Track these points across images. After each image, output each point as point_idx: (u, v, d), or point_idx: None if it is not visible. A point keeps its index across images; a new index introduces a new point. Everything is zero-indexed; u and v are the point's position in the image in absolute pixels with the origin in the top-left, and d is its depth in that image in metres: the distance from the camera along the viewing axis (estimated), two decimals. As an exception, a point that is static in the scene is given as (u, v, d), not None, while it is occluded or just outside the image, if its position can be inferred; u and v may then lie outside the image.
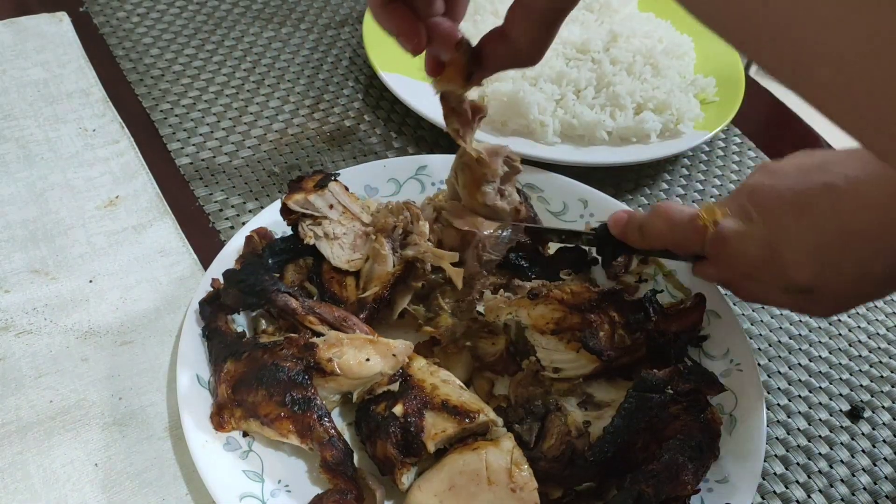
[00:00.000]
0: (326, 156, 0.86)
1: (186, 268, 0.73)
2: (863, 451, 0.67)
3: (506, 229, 0.66)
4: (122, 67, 0.94)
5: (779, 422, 0.68)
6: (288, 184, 0.69)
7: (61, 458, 0.59)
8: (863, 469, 0.66)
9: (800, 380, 0.71)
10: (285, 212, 0.67)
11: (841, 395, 0.71)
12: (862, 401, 0.70)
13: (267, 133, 0.88)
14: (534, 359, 0.61)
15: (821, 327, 0.76)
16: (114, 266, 0.72)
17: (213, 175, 0.83)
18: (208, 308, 0.63)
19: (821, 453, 0.66)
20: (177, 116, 0.89)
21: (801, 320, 0.76)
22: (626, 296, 0.65)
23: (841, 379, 0.72)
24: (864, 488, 0.65)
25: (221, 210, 0.79)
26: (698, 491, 0.55)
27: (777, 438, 0.67)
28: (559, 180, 0.78)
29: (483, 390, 0.64)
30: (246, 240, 0.68)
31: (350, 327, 0.60)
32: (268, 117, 0.90)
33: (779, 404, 0.69)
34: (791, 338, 0.75)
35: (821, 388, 0.71)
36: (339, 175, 0.70)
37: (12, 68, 0.91)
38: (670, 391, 0.57)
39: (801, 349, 0.74)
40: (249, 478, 0.56)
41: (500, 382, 0.64)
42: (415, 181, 0.78)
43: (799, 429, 0.68)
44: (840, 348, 0.74)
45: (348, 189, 0.69)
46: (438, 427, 0.55)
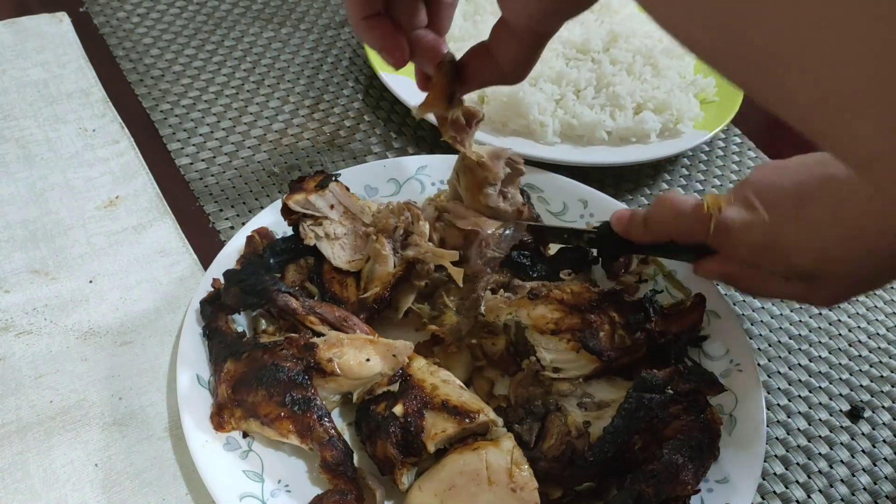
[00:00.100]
0: (326, 156, 0.86)
1: (186, 268, 0.73)
2: (863, 451, 0.67)
3: (508, 228, 0.67)
4: (122, 68, 0.94)
5: (779, 422, 0.68)
6: (289, 184, 0.69)
7: (61, 458, 0.59)
8: (863, 469, 0.66)
9: (800, 380, 0.71)
10: (286, 212, 0.67)
11: (841, 395, 0.71)
12: (862, 401, 0.70)
13: (267, 133, 0.88)
14: (534, 359, 0.61)
15: (821, 327, 0.76)
16: (114, 266, 0.72)
17: (213, 175, 0.83)
18: (209, 308, 0.63)
19: (821, 453, 0.66)
20: (177, 117, 0.89)
21: (801, 320, 0.76)
22: (626, 296, 0.65)
23: (841, 379, 0.72)
24: (864, 488, 0.65)
25: (221, 210, 0.79)
26: (698, 491, 0.55)
27: (777, 438, 0.67)
28: (559, 180, 0.78)
29: (483, 390, 0.64)
30: (247, 240, 0.68)
31: (350, 327, 0.60)
32: (268, 117, 0.90)
33: (779, 404, 0.69)
34: (791, 338, 0.75)
35: (821, 388, 0.71)
36: (339, 175, 0.70)
37: (12, 68, 0.91)
38: (670, 391, 0.57)
39: (801, 349, 0.74)
40: (249, 478, 0.56)
41: (500, 382, 0.64)
42: (415, 181, 0.78)
43: (799, 429, 0.68)
44: (840, 348, 0.74)
45: (349, 189, 0.69)
46: (438, 427, 0.55)
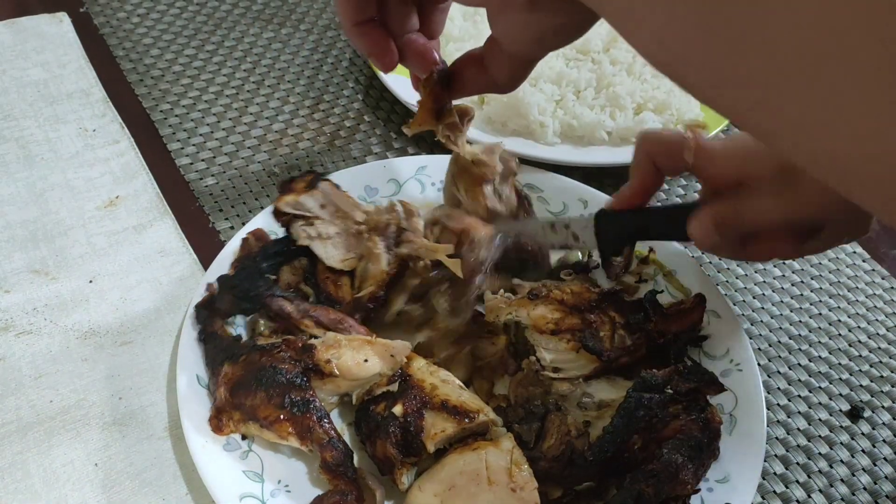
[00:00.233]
0: (326, 156, 0.86)
1: (186, 268, 0.73)
2: (863, 450, 0.67)
3: (501, 233, 0.66)
4: (122, 68, 0.94)
5: (779, 422, 0.68)
6: (278, 186, 0.69)
7: (61, 457, 0.59)
8: (863, 469, 0.66)
9: (800, 380, 0.71)
10: (277, 214, 0.67)
11: (841, 395, 0.71)
12: (862, 401, 0.70)
13: (267, 133, 0.88)
14: (534, 359, 0.61)
15: (821, 327, 0.76)
16: (114, 266, 0.72)
17: (213, 175, 0.83)
18: (204, 312, 0.63)
19: (821, 453, 0.66)
20: (177, 117, 0.89)
21: (801, 320, 0.76)
22: (626, 296, 0.65)
23: (841, 379, 0.72)
24: (864, 488, 0.64)
25: (221, 210, 0.79)
26: (698, 490, 0.55)
27: (777, 438, 0.67)
28: (559, 180, 0.78)
29: (483, 390, 0.64)
30: (241, 242, 0.68)
31: (346, 329, 0.60)
32: (268, 118, 0.90)
33: (779, 404, 0.69)
34: (791, 338, 0.75)
35: (821, 388, 0.71)
36: (329, 174, 0.70)
37: (12, 69, 0.91)
38: (670, 391, 0.57)
39: (801, 349, 0.74)
40: (249, 478, 0.56)
41: (500, 382, 0.64)
42: (415, 181, 0.78)
43: (799, 429, 0.68)
44: (840, 348, 0.74)
45: (339, 188, 0.69)
46: (438, 427, 0.55)
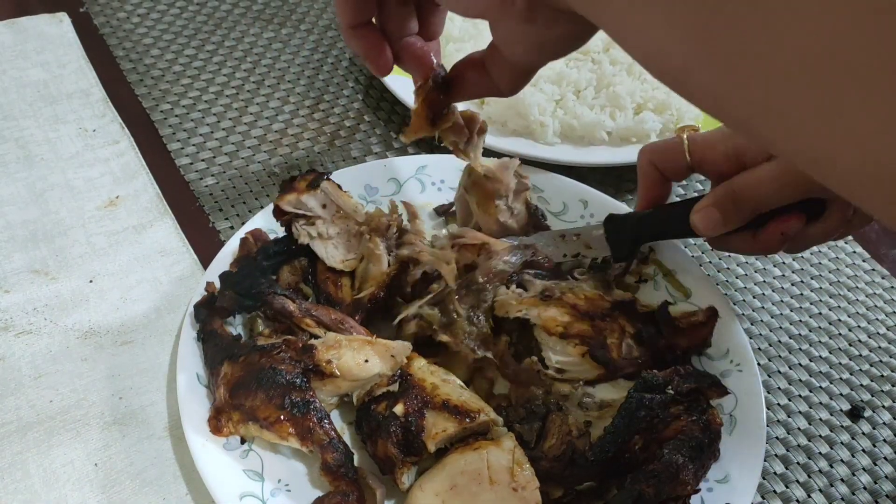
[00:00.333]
0: (326, 156, 0.86)
1: (186, 268, 0.73)
2: (863, 450, 0.67)
3: (518, 248, 0.66)
4: (122, 68, 0.94)
5: (779, 422, 0.68)
6: (280, 184, 0.68)
7: (61, 457, 0.59)
8: (863, 468, 0.66)
9: (800, 380, 0.71)
10: (278, 212, 0.66)
11: (841, 394, 0.71)
12: (862, 401, 0.70)
13: (267, 133, 0.88)
14: (535, 358, 0.61)
15: (821, 327, 0.76)
16: (114, 266, 0.72)
17: (213, 175, 0.83)
18: (203, 311, 0.63)
19: (821, 453, 0.66)
20: (177, 117, 0.89)
21: (801, 320, 0.76)
22: (639, 306, 0.64)
23: (841, 379, 0.72)
24: (865, 488, 0.64)
25: (221, 210, 0.79)
26: (698, 490, 0.55)
27: (777, 438, 0.67)
28: (559, 180, 0.78)
29: (483, 390, 0.64)
30: (241, 242, 0.68)
31: (347, 329, 0.60)
32: (268, 118, 0.90)
33: (779, 404, 0.69)
34: (791, 338, 0.75)
35: (821, 387, 0.71)
36: (331, 174, 0.69)
37: (12, 69, 0.91)
38: (671, 392, 0.57)
39: (801, 349, 0.74)
40: (249, 477, 0.56)
41: (500, 382, 0.64)
42: (415, 181, 0.78)
43: (799, 428, 0.68)
44: (840, 348, 0.74)
45: (342, 188, 0.69)
46: (439, 427, 0.55)
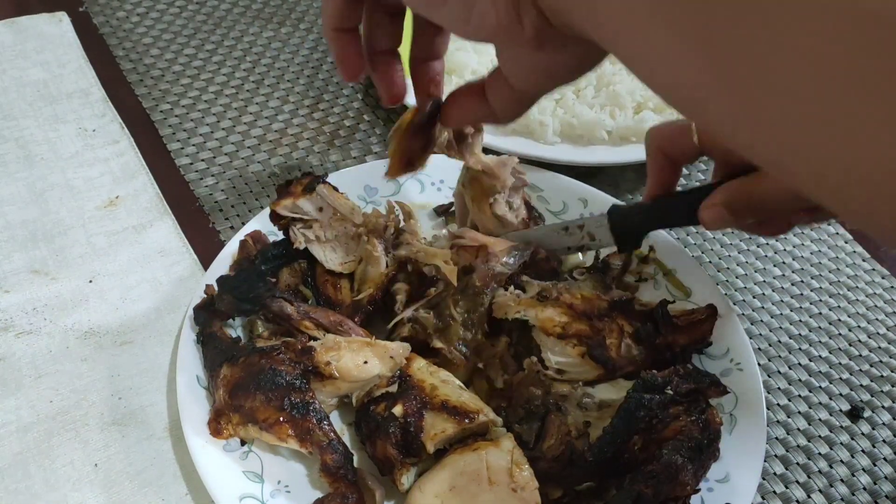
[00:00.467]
0: (326, 156, 0.86)
1: (186, 268, 0.73)
2: (863, 451, 0.67)
3: (518, 248, 0.65)
4: (121, 67, 0.94)
5: (779, 422, 0.68)
6: (276, 188, 0.68)
7: (61, 458, 0.59)
8: (863, 469, 0.66)
9: (800, 380, 0.71)
10: (274, 217, 0.66)
11: (841, 395, 0.71)
12: (862, 401, 0.70)
13: (267, 133, 0.88)
14: (534, 359, 0.61)
15: (821, 327, 0.76)
16: (114, 266, 0.72)
17: (213, 175, 0.83)
18: (202, 314, 0.63)
19: (821, 453, 0.66)
20: (177, 116, 0.89)
21: (801, 320, 0.76)
22: (638, 305, 0.64)
23: (841, 379, 0.72)
24: (864, 488, 0.64)
25: (221, 210, 0.79)
26: (698, 491, 0.55)
27: (777, 438, 0.67)
28: (559, 180, 0.78)
29: (483, 390, 0.64)
30: (240, 244, 0.68)
31: (346, 331, 0.60)
32: (267, 117, 0.90)
33: (779, 404, 0.69)
34: (791, 338, 0.75)
35: (821, 388, 0.71)
36: (327, 177, 0.69)
37: (12, 68, 0.91)
38: (670, 392, 0.57)
39: (801, 349, 0.74)
40: (249, 478, 0.56)
41: (499, 382, 0.64)
42: (414, 181, 0.78)
43: (799, 429, 0.68)
44: (840, 348, 0.74)
45: (338, 190, 0.69)
46: (438, 427, 0.55)
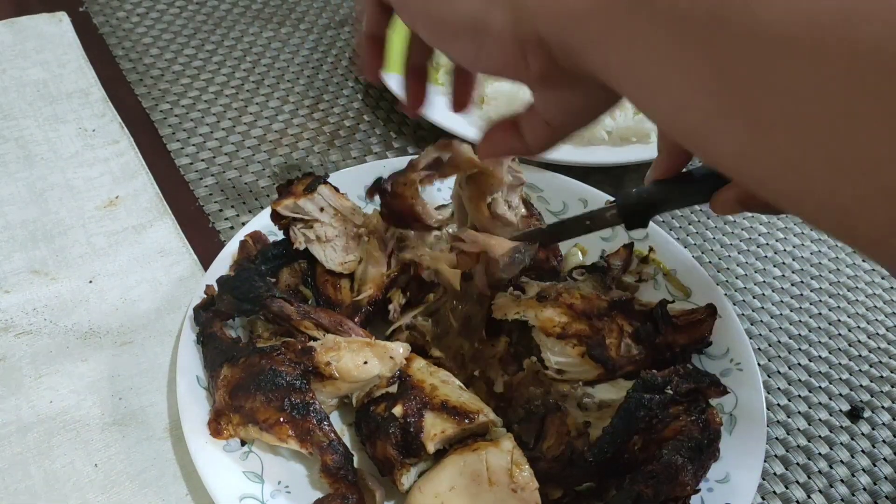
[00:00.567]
0: (326, 156, 0.86)
1: (186, 268, 0.73)
2: (863, 451, 0.67)
3: (519, 251, 0.65)
4: (121, 67, 0.94)
5: (779, 422, 0.68)
6: (276, 188, 0.68)
7: (61, 458, 0.59)
8: (863, 469, 0.66)
9: (800, 380, 0.71)
10: (275, 217, 0.66)
11: (841, 395, 0.71)
12: (862, 401, 0.70)
13: (267, 133, 0.88)
14: (535, 359, 0.61)
15: (821, 327, 0.76)
16: (114, 266, 0.72)
17: (213, 175, 0.83)
18: (203, 314, 0.63)
19: (821, 453, 0.66)
20: (176, 116, 0.89)
21: (801, 320, 0.76)
22: (637, 305, 0.64)
23: (841, 379, 0.72)
24: (864, 489, 0.64)
25: (221, 210, 0.79)
26: (698, 491, 0.55)
27: (777, 438, 0.67)
28: (559, 180, 0.78)
29: (483, 390, 0.64)
30: (240, 244, 0.68)
31: (346, 331, 0.60)
32: (267, 117, 0.90)
33: (779, 404, 0.69)
34: (791, 338, 0.75)
35: (821, 388, 0.71)
36: (328, 177, 0.69)
37: (12, 68, 0.91)
38: (670, 392, 0.57)
39: (801, 349, 0.74)
40: (249, 479, 0.56)
41: (499, 382, 0.64)
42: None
43: (799, 429, 0.68)
44: (840, 348, 0.74)
45: (339, 190, 0.69)
46: (438, 428, 0.55)
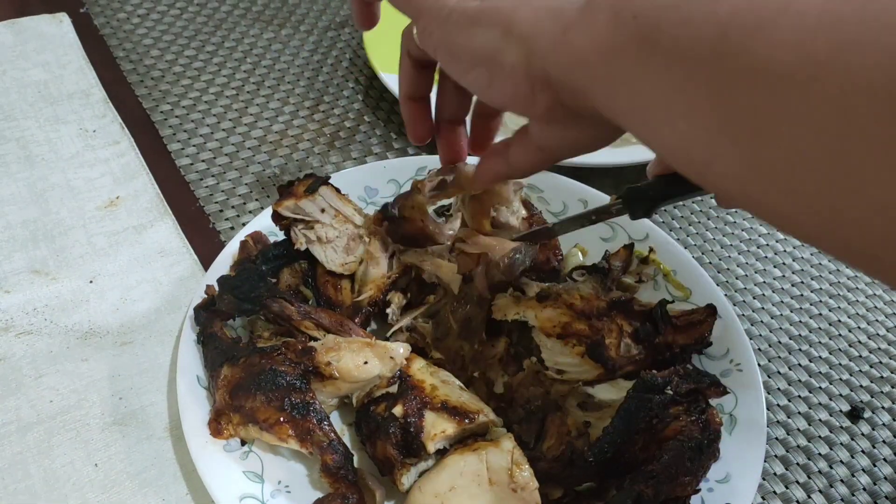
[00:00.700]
0: (326, 157, 0.86)
1: (186, 268, 0.73)
2: (862, 451, 0.67)
3: (520, 251, 0.65)
4: (122, 68, 0.94)
5: (779, 422, 0.68)
6: (277, 189, 0.68)
7: (61, 458, 0.59)
8: (862, 469, 0.66)
9: (800, 380, 0.71)
10: (276, 218, 0.66)
11: (841, 395, 0.71)
12: (862, 401, 0.70)
13: (267, 134, 0.88)
14: (535, 359, 0.61)
15: (821, 327, 0.76)
16: (114, 266, 0.72)
17: (213, 176, 0.83)
18: (203, 314, 0.63)
19: (821, 453, 0.66)
20: (177, 117, 0.89)
21: (801, 320, 0.76)
22: (637, 305, 0.64)
23: (841, 379, 0.72)
24: (864, 489, 0.64)
25: (221, 210, 0.79)
26: (698, 491, 0.55)
27: (777, 438, 0.67)
28: (559, 180, 0.78)
29: (483, 390, 0.64)
30: (241, 245, 0.68)
31: (346, 331, 0.60)
32: (268, 118, 0.90)
33: (779, 404, 0.69)
34: (791, 338, 0.75)
35: (821, 388, 0.71)
36: (329, 178, 0.69)
37: (13, 69, 0.91)
38: (670, 392, 0.57)
39: (801, 349, 0.74)
40: (249, 479, 0.56)
41: (499, 383, 0.64)
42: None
43: (799, 429, 0.68)
44: (840, 348, 0.74)
45: (340, 191, 0.69)
46: (438, 427, 0.55)
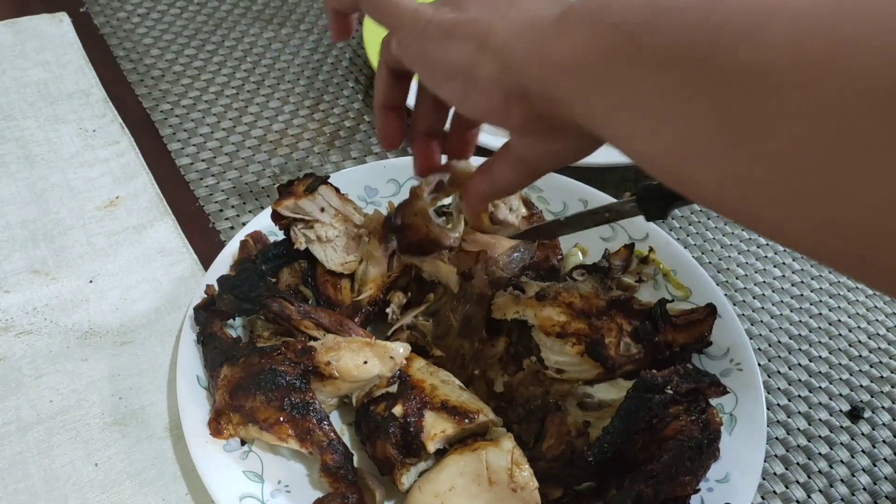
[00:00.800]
0: (326, 156, 0.86)
1: (186, 268, 0.73)
2: (863, 451, 0.67)
3: (519, 249, 0.65)
4: (122, 68, 0.94)
5: (779, 422, 0.68)
6: (277, 188, 0.68)
7: (61, 458, 0.59)
8: (862, 469, 0.66)
9: (800, 380, 0.71)
10: (276, 217, 0.66)
11: (841, 395, 0.71)
12: (862, 401, 0.70)
13: (267, 134, 0.88)
14: (535, 359, 0.61)
15: (821, 327, 0.76)
16: (114, 266, 0.72)
17: (213, 175, 0.83)
18: (203, 314, 0.63)
19: (821, 453, 0.66)
20: (177, 117, 0.89)
21: (801, 320, 0.76)
22: (636, 304, 0.64)
23: (841, 379, 0.72)
24: (864, 488, 0.64)
25: (221, 210, 0.79)
26: (698, 491, 0.55)
27: (777, 438, 0.67)
28: (559, 180, 0.78)
29: (483, 390, 0.64)
30: (240, 244, 0.68)
31: (346, 331, 0.60)
32: (268, 118, 0.90)
33: (779, 404, 0.69)
34: (791, 338, 0.75)
35: (821, 388, 0.71)
36: (329, 177, 0.69)
37: (12, 69, 0.91)
38: (670, 392, 0.57)
39: (801, 349, 0.74)
40: (249, 478, 0.56)
41: (499, 382, 0.64)
42: (415, 182, 0.77)
43: (799, 429, 0.68)
44: (840, 348, 0.74)
45: (340, 191, 0.69)
46: (438, 427, 0.55)
